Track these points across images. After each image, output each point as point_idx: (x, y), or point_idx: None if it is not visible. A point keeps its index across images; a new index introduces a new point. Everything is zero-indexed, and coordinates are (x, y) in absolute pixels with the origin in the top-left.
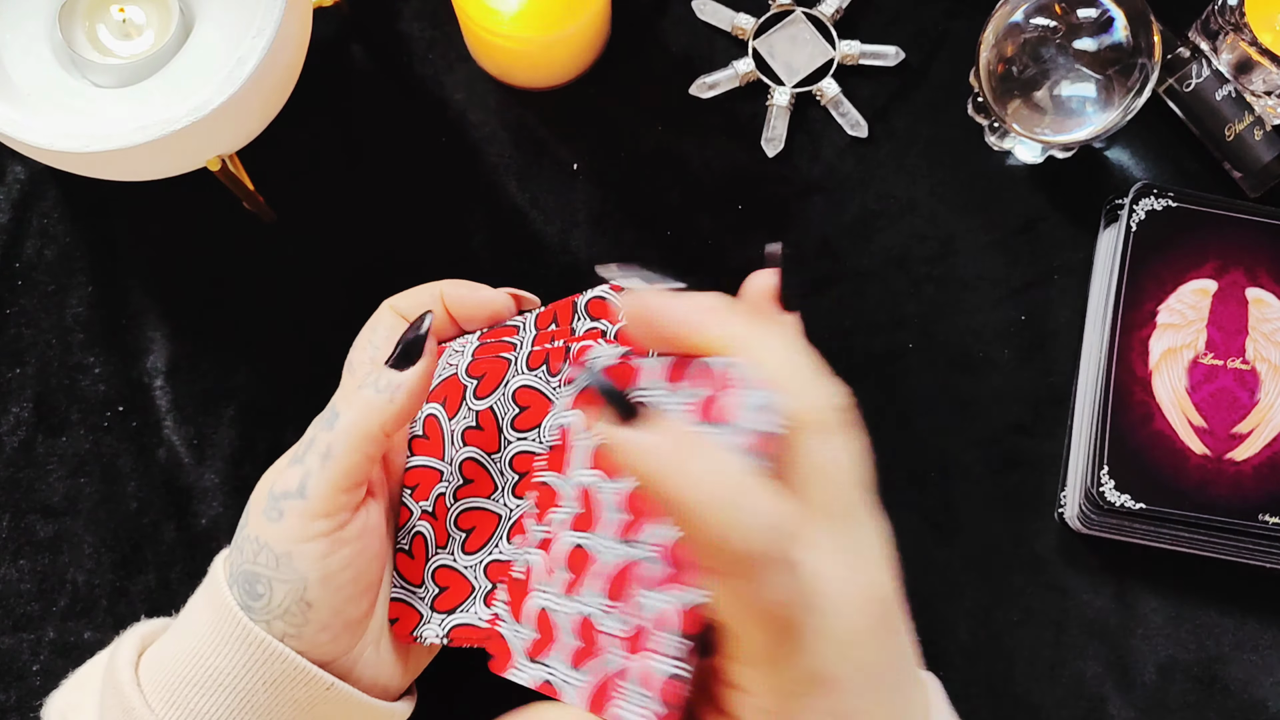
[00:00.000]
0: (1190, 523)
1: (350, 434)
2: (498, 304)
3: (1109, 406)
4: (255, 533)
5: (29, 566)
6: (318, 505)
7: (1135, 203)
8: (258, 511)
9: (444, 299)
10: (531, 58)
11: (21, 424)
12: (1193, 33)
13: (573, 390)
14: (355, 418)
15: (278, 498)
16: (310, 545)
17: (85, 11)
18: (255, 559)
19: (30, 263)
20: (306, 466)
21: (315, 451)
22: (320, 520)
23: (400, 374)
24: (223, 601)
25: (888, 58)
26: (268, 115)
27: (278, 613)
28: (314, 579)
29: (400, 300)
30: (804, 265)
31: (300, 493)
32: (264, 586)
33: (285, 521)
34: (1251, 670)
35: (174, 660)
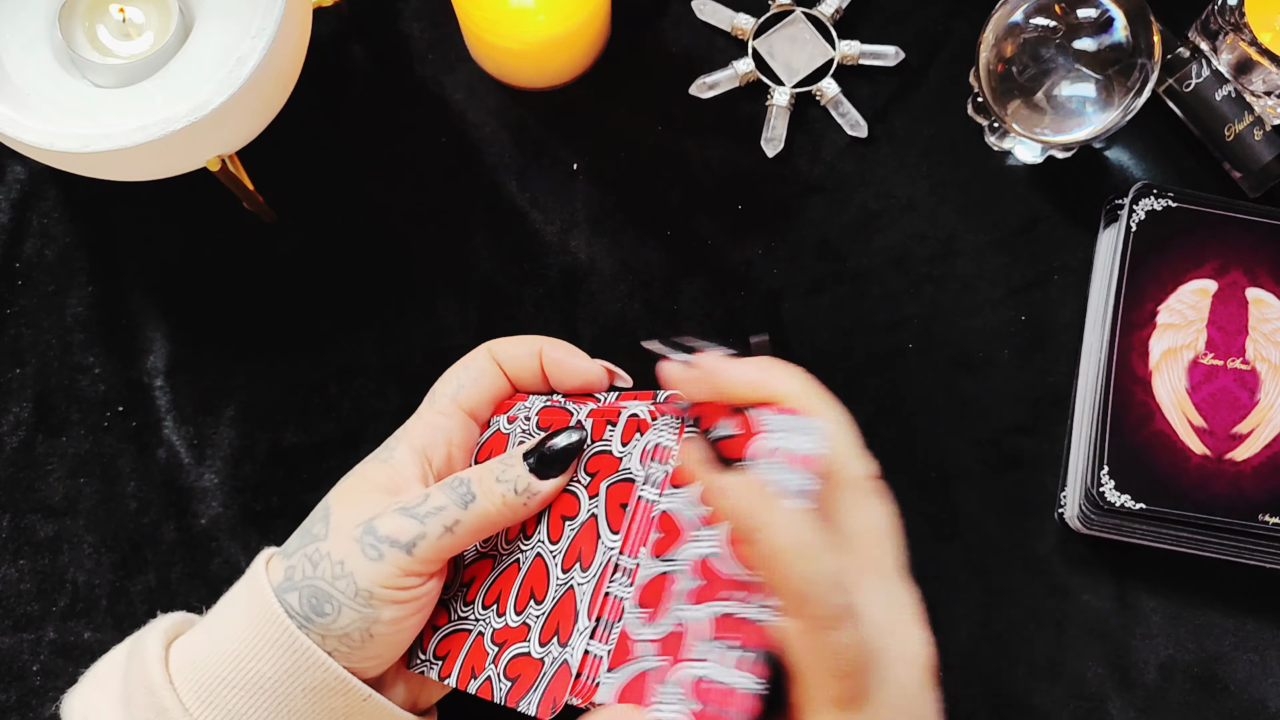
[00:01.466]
0: (1190, 523)
1: (480, 522)
2: (592, 375)
3: (1109, 406)
4: (341, 558)
5: (29, 566)
6: (420, 567)
7: (1135, 203)
8: (348, 537)
9: (543, 356)
10: (531, 58)
11: (21, 424)
12: (1193, 33)
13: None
14: (489, 510)
15: (381, 539)
16: (394, 592)
17: (85, 11)
18: (333, 582)
19: (30, 263)
20: (425, 529)
21: (440, 520)
22: (415, 578)
23: (540, 483)
24: (268, 607)
25: (888, 58)
26: (268, 115)
27: (338, 634)
28: (386, 618)
29: (499, 346)
30: (804, 266)
31: (408, 549)
32: (333, 608)
33: (383, 565)
34: (1251, 670)
35: (210, 661)
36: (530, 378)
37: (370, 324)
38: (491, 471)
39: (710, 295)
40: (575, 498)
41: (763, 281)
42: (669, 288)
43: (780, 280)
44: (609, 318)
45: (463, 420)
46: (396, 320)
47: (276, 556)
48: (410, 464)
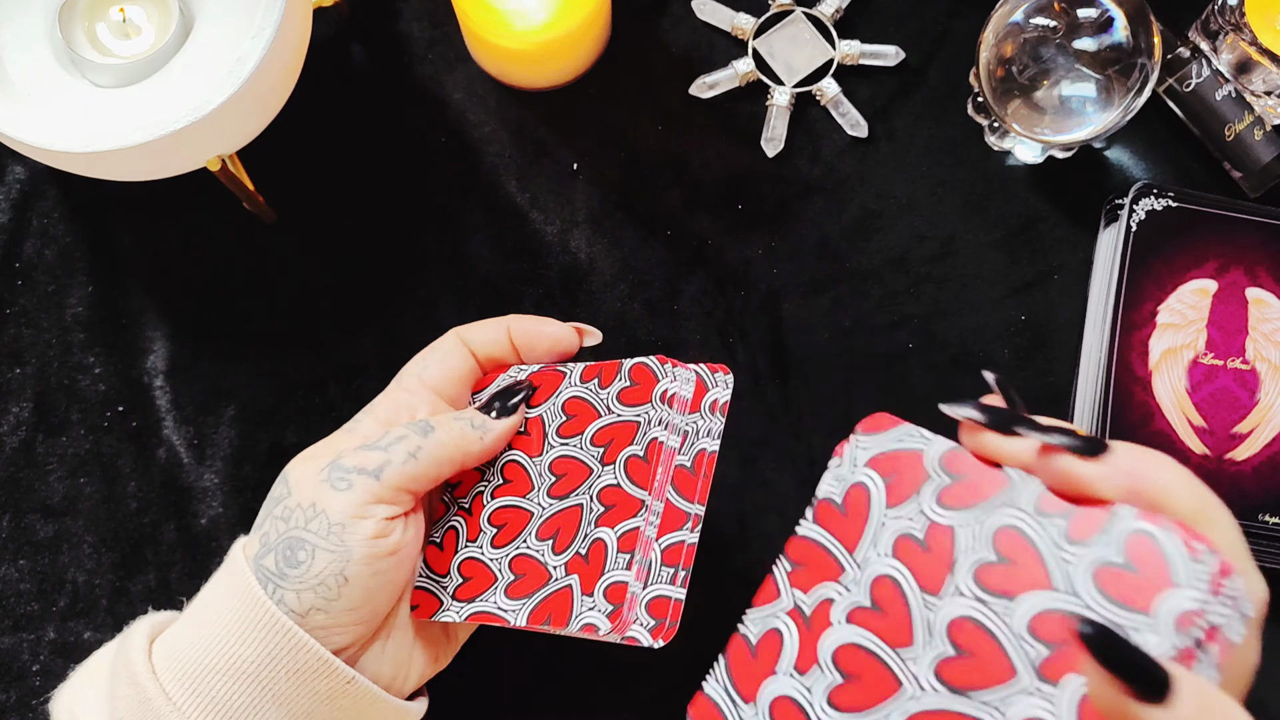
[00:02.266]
0: None
1: (440, 449)
2: (561, 335)
3: (1109, 406)
4: (311, 499)
5: (29, 566)
6: (386, 492)
7: (1135, 203)
8: (315, 480)
9: (510, 332)
10: (531, 58)
11: (21, 424)
12: (1193, 33)
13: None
14: (448, 439)
15: (348, 470)
16: (365, 523)
17: (85, 11)
18: (306, 525)
19: (30, 263)
20: (389, 455)
21: (402, 446)
22: (382, 505)
23: (494, 421)
24: (248, 589)
25: (888, 58)
26: (268, 115)
27: (313, 582)
28: (359, 555)
29: (467, 330)
30: (803, 266)
31: (375, 474)
32: (306, 553)
33: (352, 493)
34: None
35: (192, 648)
36: (503, 355)
37: (370, 324)
38: (450, 413)
39: (710, 295)
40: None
41: (763, 281)
42: (669, 288)
43: (780, 280)
44: (609, 318)
45: (428, 398)
46: (396, 320)
47: (251, 535)
48: (373, 434)
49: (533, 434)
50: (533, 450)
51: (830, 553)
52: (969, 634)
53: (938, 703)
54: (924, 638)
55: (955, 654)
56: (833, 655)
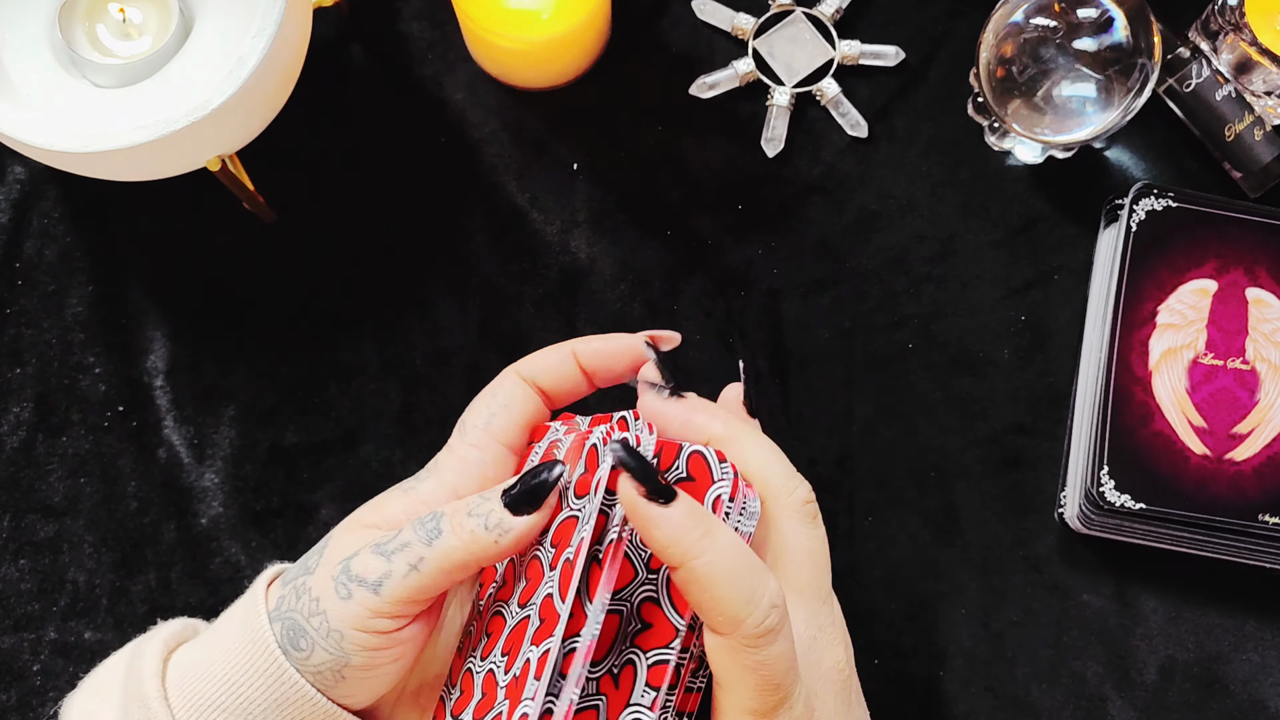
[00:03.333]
0: (1190, 523)
1: (445, 560)
2: (637, 348)
3: (1109, 406)
4: (319, 595)
5: (29, 566)
6: (387, 608)
7: (1135, 203)
8: (329, 574)
9: (578, 357)
10: (531, 58)
11: (21, 424)
12: (1193, 33)
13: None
14: (456, 546)
15: (352, 579)
16: (365, 636)
17: (85, 11)
18: (309, 619)
19: (30, 263)
20: (391, 567)
21: (405, 558)
22: (383, 620)
23: (513, 519)
24: (261, 635)
25: (888, 58)
26: (268, 115)
27: (312, 669)
28: (357, 662)
29: (528, 365)
30: (803, 266)
31: (375, 588)
32: (307, 644)
33: (351, 604)
34: (1251, 670)
35: (205, 681)
36: (571, 386)
37: (370, 324)
38: (466, 506)
39: (710, 295)
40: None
41: (763, 281)
42: (669, 288)
43: (780, 280)
44: (609, 318)
45: (497, 452)
46: (396, 320)
47: (279, 579)
48: (436, 499)
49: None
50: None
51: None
52: (532, 568)
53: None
54: (517, 584)
55: (524, 584)
56: None
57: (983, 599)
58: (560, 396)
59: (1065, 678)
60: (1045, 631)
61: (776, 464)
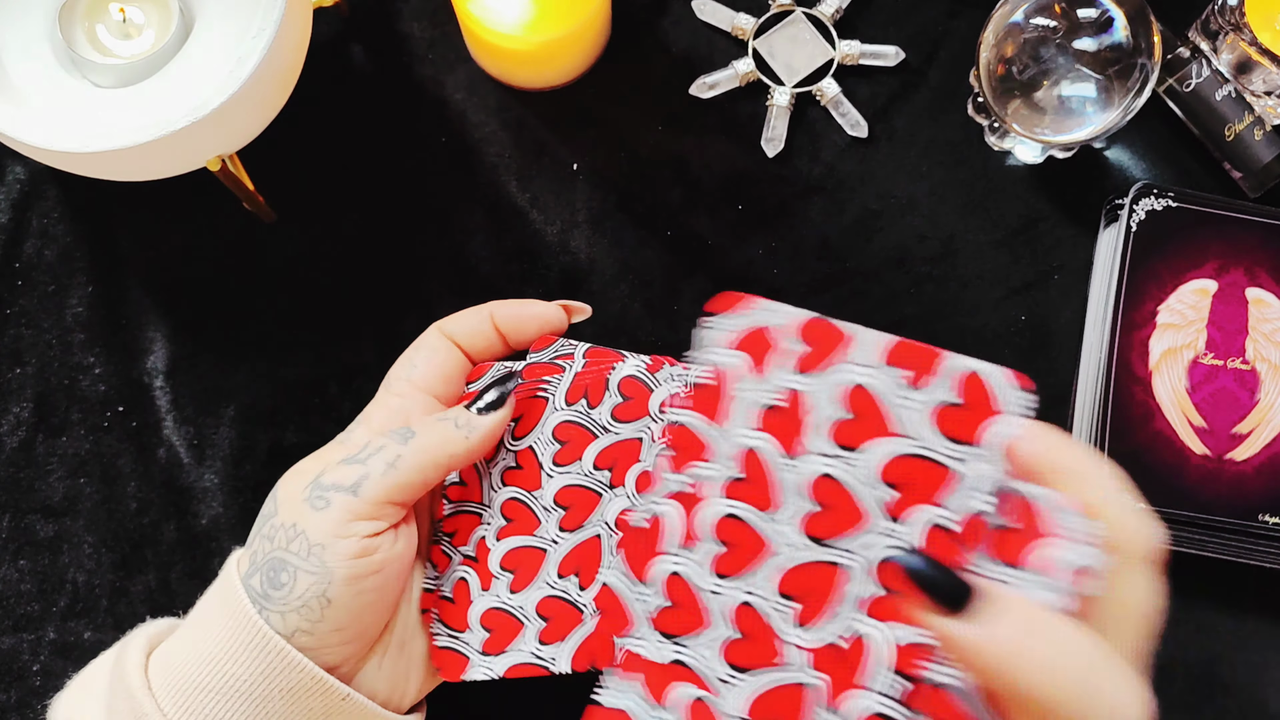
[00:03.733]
0: (1190, 523)
1: (421, 454)
2: (550, 318)
3: (1109, 406)
4: (293, 519)
5: (29, 566)
6: (366, 508)
7: (1135, 203)
8: (297, 499)
9: (494, 319)
10: (531, 58)
11: (21, 424)
12: (1193, 33)
13: (876, 562)
14: (430, 442)
15: (326, 488)
16: (345, 543)
17: (85, 11)
18: (288, 545)
19: (30, 263)
20: (367, 469)
21: (381, 457)
22: (362, 522)
23: (479, 417)
24: (239, 606)
25: (888, 58)
26: (268, 115)
27: (296, 605)
28: (340, 576)
29: (449, 323)
30: (804, 266)
31: (353, 490)
32: (288, 575)
33: (330, 511)
34: (1251, 670)
35: (187, 664)
36: (487, 345)
37: (370, 324)
38: (434, 414)
39: (710, 295)
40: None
41: (763, 281)
42: (669, 288)
43: (780, 280)
44: (609, 318)
45: (421, 400)
46: (396, 320)
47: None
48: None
49: (526, 468)
50: (530, 484)
51: (698, 434)
52: (826, 489)
53: (805, 556)
54: (788, 499)
55: (816, 509)
56: (711, 528)
57: None
58: (478, 354)
59: None
60: None
61: (1121, 504)
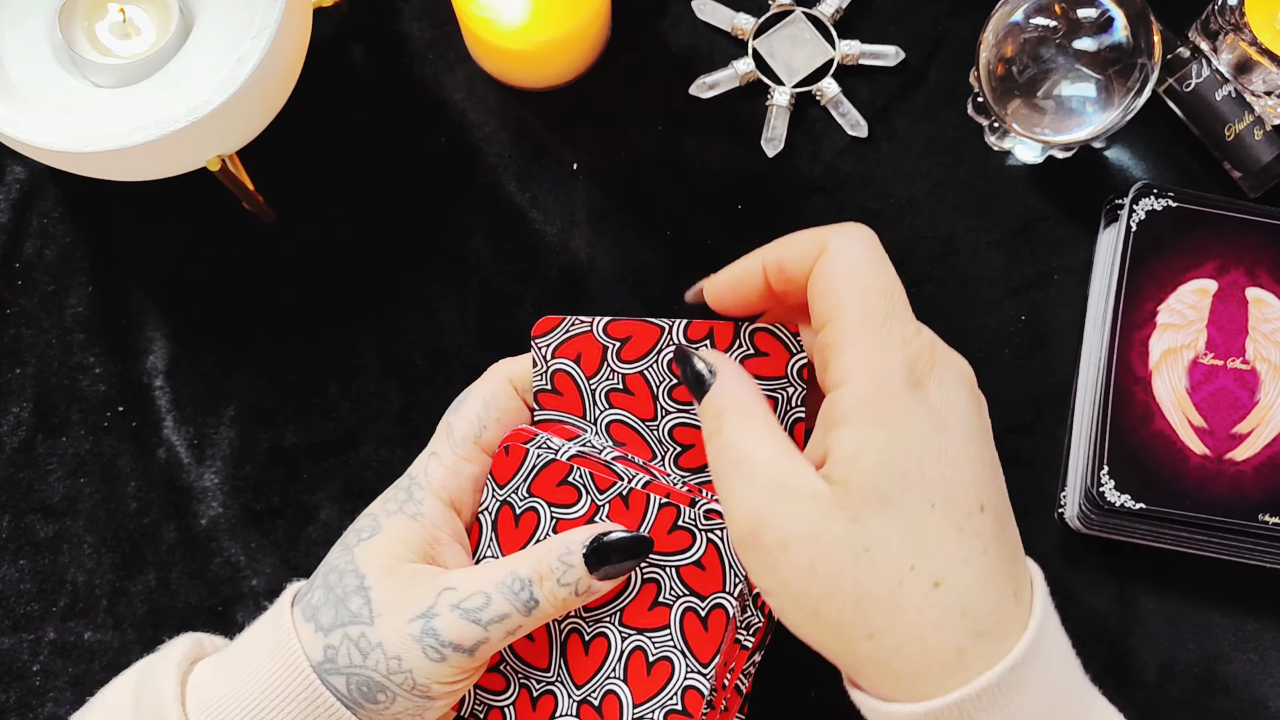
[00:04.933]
0: (1190, 523)
1: (540, 623)
2: None
3: (1109, 406)
4: (398, 654)
5: (29, 566)
6: (479, 665)
7: (1135, 203)
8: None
9: None
10: (531, 58)
11: (21, 424)
12: (1193, 33)
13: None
14: (550, 614)
15: (445, 645)
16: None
17: (85, 11)
18: (389, 675)
19: (30, 263)
20: (488, 635)
21: (503, 627)
22: (473, 673)
23: (600, 584)
24: (291, 657)
25: (888, 58)
26: (268, 115)
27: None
28: (441, 705)
29: (517, 371)
30: None
31: (470, 652)
32: (387, 697)
33: (445, 666)
34: (1251, 670)
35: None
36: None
37: (370, 324)
38: (553, 572)
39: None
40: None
41: None
42: (669, 288)
43: None
44: None
45: (485, 462)
46: (396, 320)
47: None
48: (442, 520)
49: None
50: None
51: (566, 424)
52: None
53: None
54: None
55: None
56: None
57: None
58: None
59: None
60: None
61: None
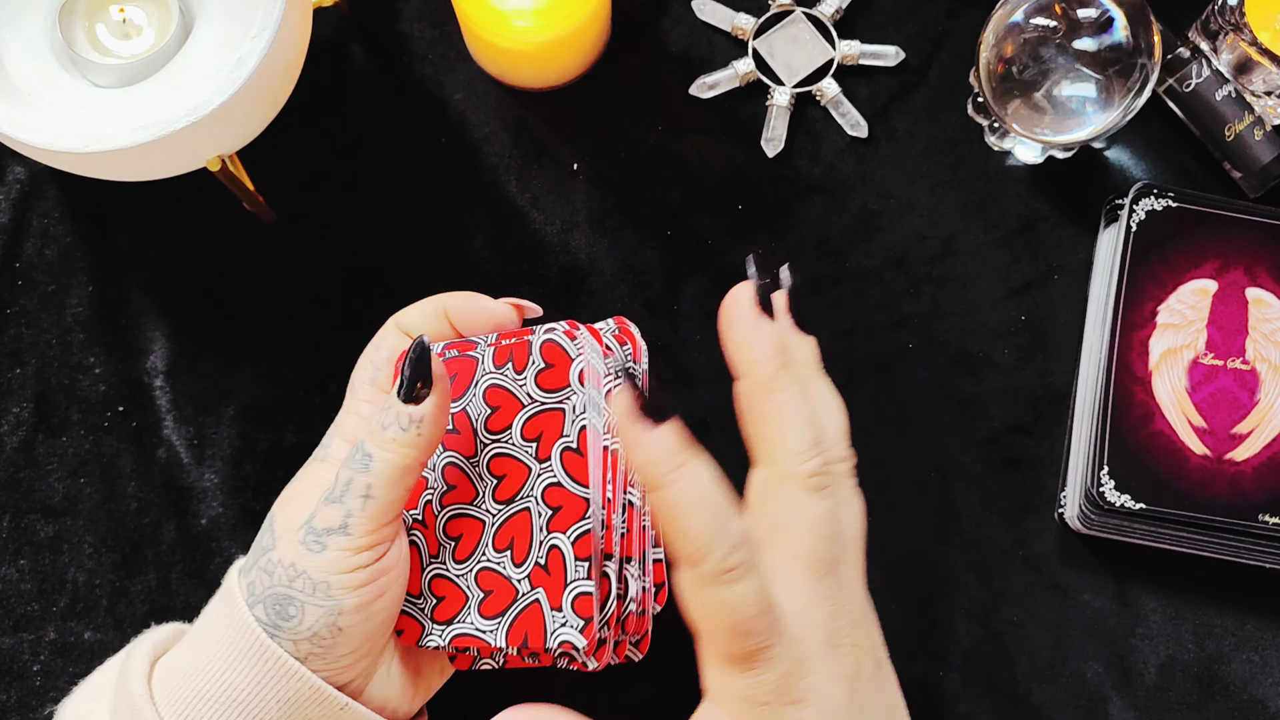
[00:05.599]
0: (1190, 523)
1: (387, 474)
2: (500, 315)
3: (1109, 406)
4: (291, 559)
5: (29, 566)
6: (361, 541)
7: (1135, 203)
8: (293, 540)
9: (447, 313)
10: (531, 58)
11: (21, 424)
12: (1193, 33)
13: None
14: (389, 458)
15: (319, 532)
16: (348, 576)
17: (85, 11)
18: (291, 583)
19: (30, 263)
20: (348, 507)
21: (354, 492)
22: (363, 554)
23: (418, 408)
24: (240, 618)
25: (888, 58)
26: (268, 115)
27: (306, 634)
28: (349, 606)
29: (404, 316)
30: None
31: (343, 529)
32: (296, 609)
33: (327, 554)
34: (1251, 670)
35: (188, 674)
36: (442, 338)
37: (370, 324)
38: (377, 423)
39: (710, 295)
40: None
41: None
42: (669, 288)
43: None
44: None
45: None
46: None
47: (240, 571)
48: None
49: (462, 431)
50: (467, 449)
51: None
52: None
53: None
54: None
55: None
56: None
57: (983, 599)
58: None
59: (1065, 678)
60: (1045, 631)
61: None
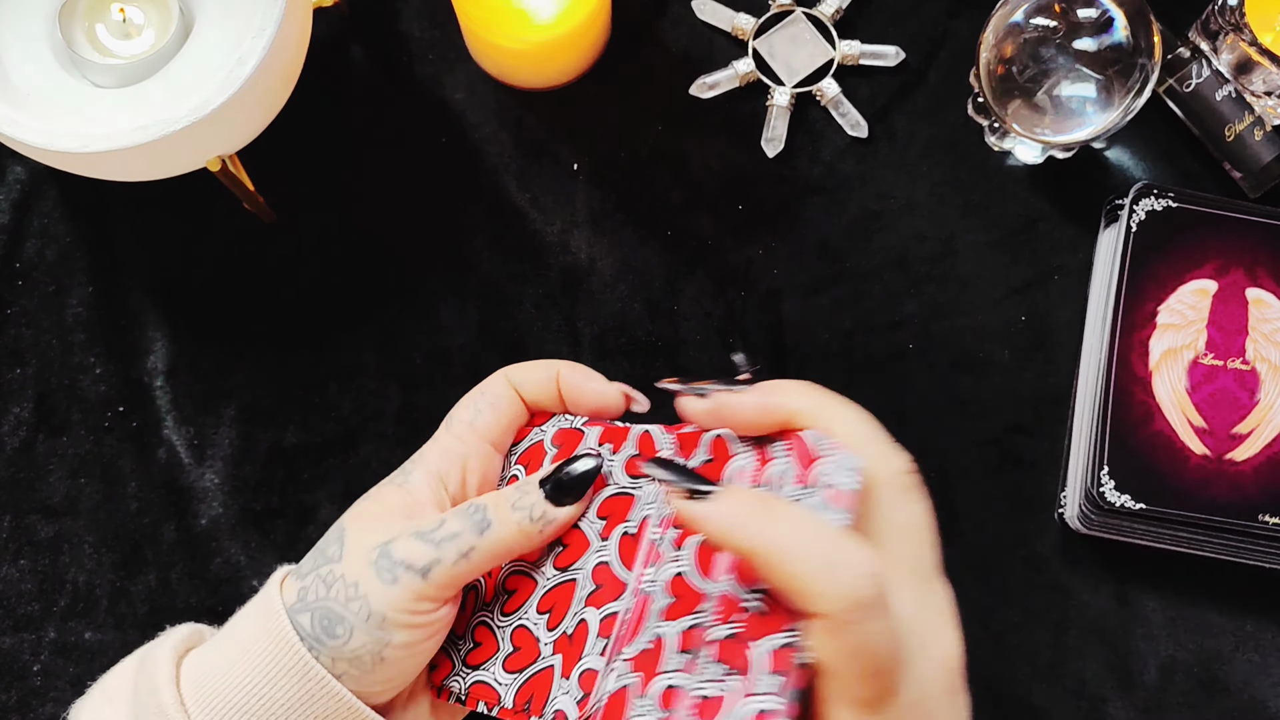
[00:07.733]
0: (1190, 523)
1: (495, 549)
2: (608, 399)
3: (1109, 406)
4: (356, 580)
5: (29, 566)
6: (434, 592)
7: (1135, 203)
8: (365, 560)
9: (560, 380)
10: (531, 58)
11: (22, 424)
12: (1193, 33)
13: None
14: (506, 535)
15: (397, 565)
16: (409, 617)
17: (85, 11)
18: (346, 604)
19: (30, 263)
20: (440, 554)
21: (455, 545)
22: (428, 603)
23: (556, 510)
24: (282, 632)
25: (888, 58)
26: (268, 115)
27: (348, 656)
28: (398, 641)
29: (517, 373)
30: (804, 266)
31: (423, 574)
32: (344, 630)
33: (397, 589)
34: (1251, 670)
35: (222, 684)
36: (549, 402)
37: (370, 324)
38: (508, 499)
39: (710, 295)
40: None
41: (763, 281)
42: (669, 288)
43: (780, 280)
44: (609, 318)
45: (479, 446)
46: (396, 320)
47: (291, 576)
48: (426, 488)
49: None
50: None
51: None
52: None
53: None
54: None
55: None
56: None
57: (983, 599)
58: (537, 408)
59: (1065, 678)
60: (1045, 631)
61: (867, 433)
